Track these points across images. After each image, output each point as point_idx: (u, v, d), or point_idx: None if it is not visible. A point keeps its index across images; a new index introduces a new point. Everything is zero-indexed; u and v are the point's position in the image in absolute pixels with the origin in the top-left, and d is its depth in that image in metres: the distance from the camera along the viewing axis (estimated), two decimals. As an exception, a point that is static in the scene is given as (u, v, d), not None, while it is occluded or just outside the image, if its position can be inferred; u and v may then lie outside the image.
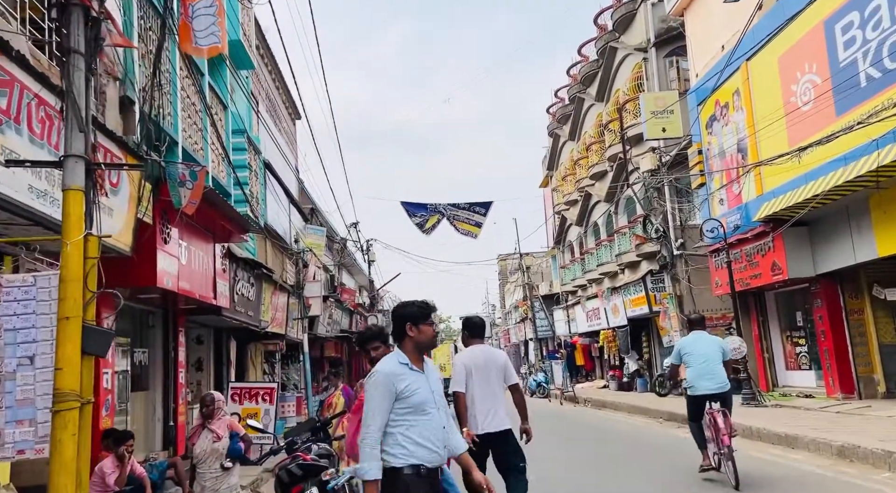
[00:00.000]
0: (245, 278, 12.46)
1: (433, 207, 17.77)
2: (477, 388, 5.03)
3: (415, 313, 3.46)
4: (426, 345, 3.49)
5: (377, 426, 3.23)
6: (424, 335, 3.44)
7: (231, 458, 6.17)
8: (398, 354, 3.43)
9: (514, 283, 49.29)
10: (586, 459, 9.55)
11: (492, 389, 5.07)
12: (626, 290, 21.36)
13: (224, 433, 6.16)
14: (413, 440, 3.26)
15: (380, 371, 3.35)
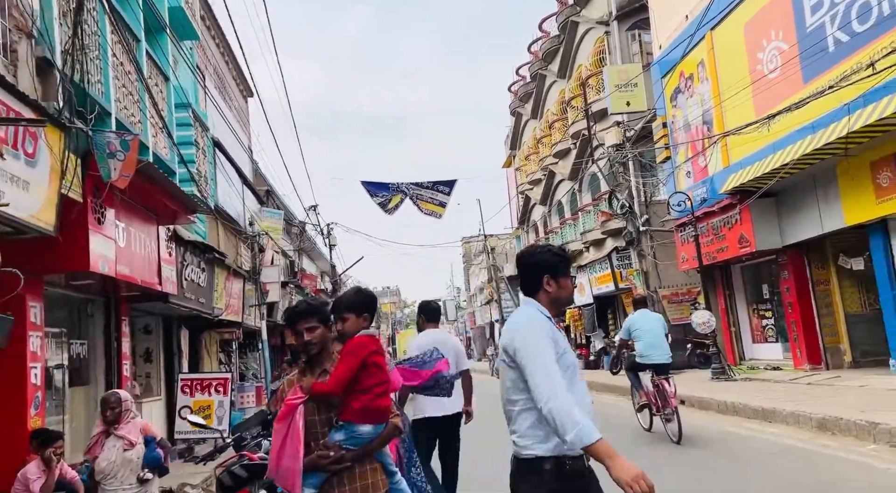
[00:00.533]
0: (195, 262, 11.71)
1: (395, 187, 17.15)
2: None
3: (554, 262, 2.66)
4: (565, 302, 2.75)
5: (561, 380, 2.35)
6: (565, 291, 2.67)
7: (149, 468, 5.20)
8: (535, 304, 2.62)
9: (478, 265, 49.06)
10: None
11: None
12: (592, 268, 21.16)
13: (137, 439, 5.14)
14: None
15: (533, 317, 2.53)
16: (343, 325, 3.09)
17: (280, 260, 25.28)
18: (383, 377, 2.98)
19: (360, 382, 2.89)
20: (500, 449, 8.76)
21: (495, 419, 8.91)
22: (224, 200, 14.74)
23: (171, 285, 10.01)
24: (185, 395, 9.75)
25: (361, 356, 2.91)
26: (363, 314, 3.09)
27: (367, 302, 3.16)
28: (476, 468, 6.85)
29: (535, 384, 2.39)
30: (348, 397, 2.88)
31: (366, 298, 3.19)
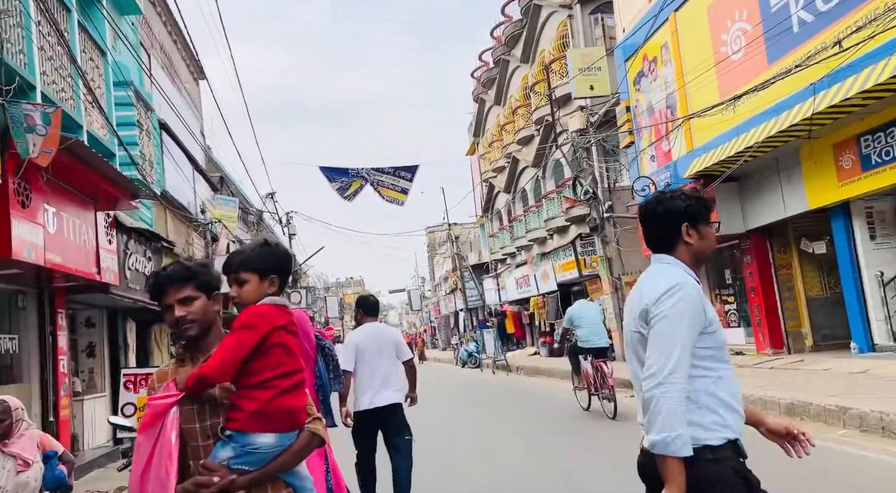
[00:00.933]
0: (140, 251, 11.05)
1: (355, 172, 16.64)
2: (368, 365, 5.16)
3: (693, 208, 2.19)
4: (708, 256, 2.29)
5: (685, 367, 1.98)
6: (709, 241, 2.23)
7: (49, 490, 4.26)
8: (677, 263, 2.17)
9: (442, 254, 48.71)
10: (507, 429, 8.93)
11: (383, 366, 5.21)
12: (556, 255, 21.00)
13: (34, 457, 4.16)
14: (723, 401, 2.08)
15: (682, 282, 2.07)
16: (239, 290, 2.13)
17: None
18: (292, 365, 2.04)
19: (256, 371, 1.96)
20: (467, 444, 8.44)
21: (454, 412, 8.97)
22: (173, 186, 14.01)
23: (112, 276, 9.38)
24: (128, 391, 9.10)
25: (260, 332, 1.97)
26: (270, 276, 2.13)
27: (276, 261, 2.18)
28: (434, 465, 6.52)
29: (653, 359, 2.00)
30: (238, 395, 1.97)
31: (275, 254, 2.20)
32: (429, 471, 5.82)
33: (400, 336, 5.64)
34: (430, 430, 9.15)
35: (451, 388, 17.83)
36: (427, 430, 9.32)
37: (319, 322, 48.44)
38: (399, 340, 5.50)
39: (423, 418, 11.38)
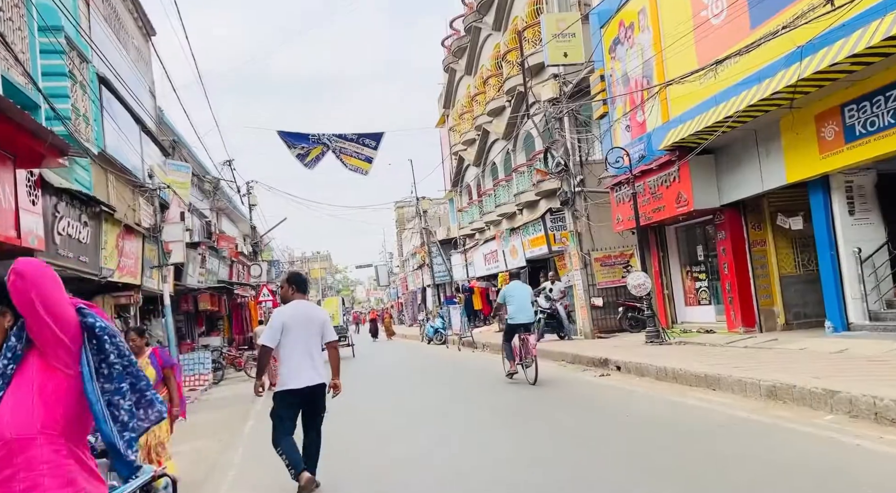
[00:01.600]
0: (73, 215, 10.09)
1: (316, 138, 15.75)
2: (294, 343, 5.08)
3: None
4: None
5: None
6: None
7: None
8: None
9: (411, 229, 47.93)
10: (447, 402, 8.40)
11: (309, 345, 5.13)
12: (525, 230, 20.45)
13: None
14: None
15: None
16: None
17: (195, 221, 23.38)
18: None
19: None
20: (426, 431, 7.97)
21: (423, 392, 8.78)
22: (115, 148, 12.98)
23: (36, 240, 8.44)
24: (53, 368, 8.29)
25: None
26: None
27: None
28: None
29: None
30: None
31: None
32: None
33: (327, 317, 5.50)
34: (381, 405, 8.99)
35: (412, 364, 17.26)
36: (378, 405, 8.97)
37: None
38: (326, 320, 5.36)
39: (374, 395, 10.63)
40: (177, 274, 17.88)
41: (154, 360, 5.40)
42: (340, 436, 6.66)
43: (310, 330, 5.15)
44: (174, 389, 5.51)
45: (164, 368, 5.43)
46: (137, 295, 14.43)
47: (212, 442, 8.08)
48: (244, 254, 28.34)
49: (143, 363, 5.33)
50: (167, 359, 5.54)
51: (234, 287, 25.40)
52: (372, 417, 8.76)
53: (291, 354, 5.07)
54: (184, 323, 22.89)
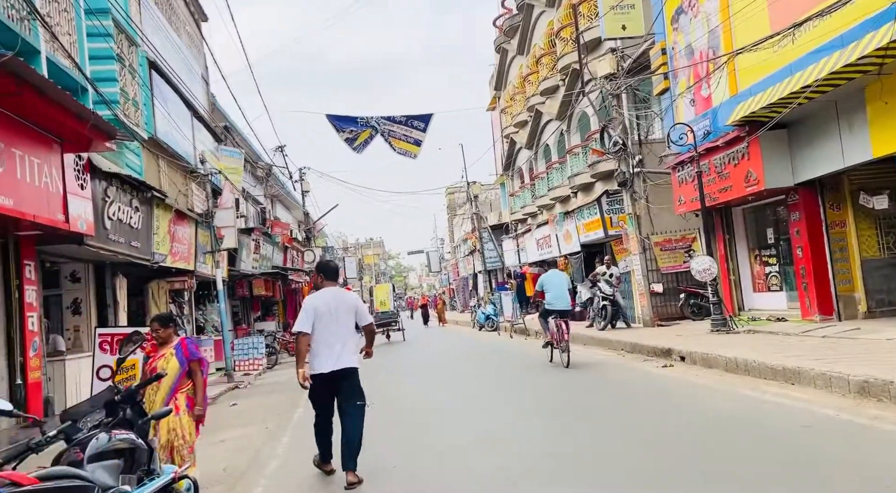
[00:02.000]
0: (123, 200, 10.10)
1: (364, 122, 15.48)
2: (325, 329, 5.18)
3: None
4: None
5: None
6: None
7: None
8: None
9: (462, 215, 47.52)
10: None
11: (341, 330, 5.22)
12: (580, 214, 19.72)
13: None
14: None
15: None
16: None
17: (249, 208, 23.58)
18: None
19: None
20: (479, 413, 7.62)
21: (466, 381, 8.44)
22: (166, 133, 13.01)
23: (86, 225, 8.44)
24: (104, 353, 8.29)
25: None
26: None
27: None
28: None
29: None
30: None
31: None
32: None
33: (359, 301, 5.58)
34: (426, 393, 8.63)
35: (462, 351, 16.91)
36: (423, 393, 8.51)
37: (338, 283, 47.89)
38: (358, 305, 5.44)
39: (420, 382, 10.23)
40: (231, 260, 18.02)
41: (179, 352, 4.99)
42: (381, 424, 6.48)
43: (340, 316, 5.24)
44: (199, 385, 5.04)
45: (189, 361, 5.00)
46: (191, 280, 14.55)
47: (259, 430, 7.91)
48: (298, 240, 28.52)
49: (166, 354, 4.97)
50: (194, 352, 5.10)
51: (289, 273, 25.59)
52: (415, 405, 8.45)
53: (322, 339, 5.17)
54: (240, 308, 23.21)
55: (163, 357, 4.96)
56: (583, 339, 14.70)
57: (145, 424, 3.17)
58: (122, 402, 3.10)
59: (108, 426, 3.01)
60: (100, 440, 2.81)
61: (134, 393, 3.18)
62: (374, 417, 7.28)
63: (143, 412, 3.21)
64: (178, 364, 4.92)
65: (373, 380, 10.98)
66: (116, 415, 3.05)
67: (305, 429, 6.45)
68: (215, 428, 8.45)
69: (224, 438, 7.60)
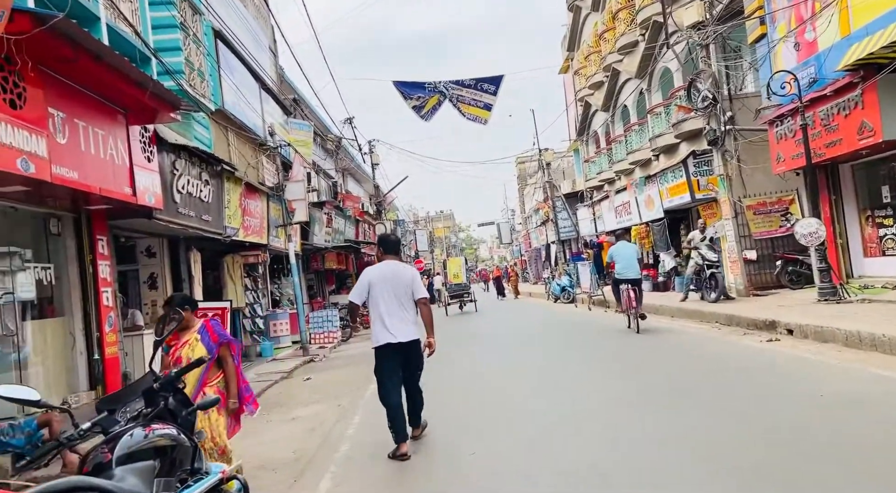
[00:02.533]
0: (192, 173, 9.95)
1: (432, 87, 14.87)
2: (382, 301, 5.22)
3: None
4: None
5: None
6: None
7: None
8: None
9: (533, 184, 46.40)
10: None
11: (398, 302, 5.25)
12: (663, 178, 18.50)
13: None
14: None
15: None
16: None
17: (321, 181, 23.58)
18: None
19: None
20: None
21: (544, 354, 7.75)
22: (234, 105, 12.84)
23: (154, 198, 8.28)
24: (176, 327, 8.15)
25: None
26: None
27: None
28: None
29: None
30: None
31: None
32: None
33: (416, 275, 5.59)
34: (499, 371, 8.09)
35: (536, 324, 16.25)
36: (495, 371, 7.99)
37: (409, 256, 48.06)
38: (414, 278, 5.45)
39: (491, 359, 9.63)
40: (304, 234, 17.99)
41: (205, 336, 4.41)
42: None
43: (397, 288, 5.27)
44: (231, 374, 4.47)
45: (219, 345, 4.41)
46: (265, 254, 14.54)
47: (331, 406, 7.62)
48: (369, 213, 28.47)
49: (190, 340, 4.40)
50: (223, 334, 4.50)
51: (361, 246, 25.58)
52: (491, 381, 7.92)
53: (379, 311, 5.21)
54: (314, 282, 23.39)
55: (187, 344, 4.39)
56: (670, 311, 13.77)
57: (190, 414, 2.75)
58: (161, 390, 2.69)
59: (148, 417, 2.60)
60: (134, 437, 2.39)
61: (175, 379, 2.77)
62: (450, 393, 6.84)
63: (187, 401, 2.80)
64: (205, 351, 4.34)
65: (452, 355, 10.64)
66: (157, 405, 2.65)
67: (377, 407, 6.18)
68: (288, 404, 8.24)
69: (296, 415, 7.34)
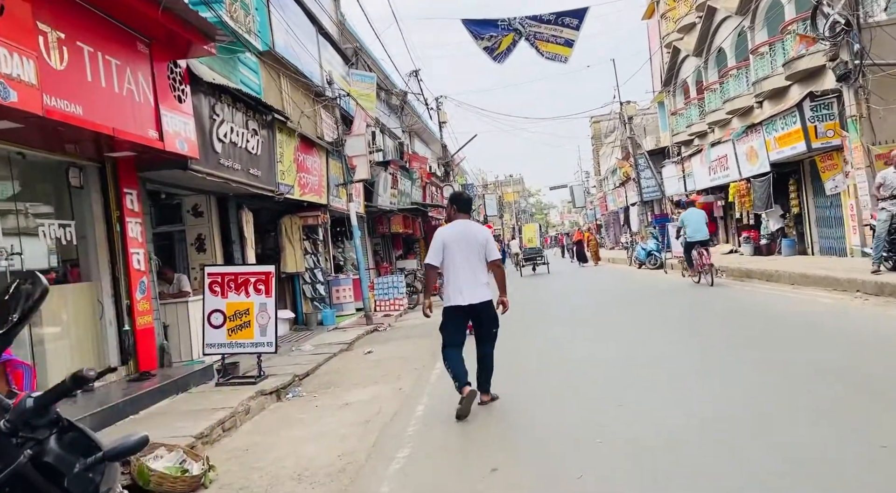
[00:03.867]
0: (238, 120, 8.78)
1: (506, 24, 13.16)
2: (454, 261, 5.16)
3: None
4: None
5: None
6: None
7: None
8: None
9: (611, 144, 43.75)
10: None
11: (471, 262, 5.17)
12: (770, 126, 16.11)
13: None
14: None
15: None
16: None
17: (387, 141, 22.34)
18: None
19: None
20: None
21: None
22: (288, 49, 11.60)
23: (187, 145, 7.12)
24: (214, 295, 7.09)
25: None
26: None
27: None
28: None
29: None
30: None
31: None
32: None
33: (489, 236, 5.41)
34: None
35: (628, 294, 14.50)
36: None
37: (478, 221, 46.64)
38: (487, 239, 5.31)
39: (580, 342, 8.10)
40: (367, 195, 16.82)
41: None
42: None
43: (471, 248, 5.18)
44: None
45: None
46: (325, 215, 13.42)
47: (391, 389, 6.37)
48: (436, 175, 27.11)
49: None
50: None
51: (429, 209, 24.31)
52: (592, 373, 6.47)
53: (452, 271, 5.15)
54: (380, 246, 22.33)
55: None
56: (788, 277, 11.77)
57: (90, 470, 1.47)
58: (18, 428, 1.40)
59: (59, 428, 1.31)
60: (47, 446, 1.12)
61: (43, 408, 1.48)
62: (540, 384, 5.50)
63: (83, 444, 1.53)
64: None
65: (534, 333, 9.22)
66: (11, 461, 1.36)
67: (443, 393, 5.54)
68: (343, 384, 7.06)
69: (349, 400, 6.13)
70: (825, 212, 15.47)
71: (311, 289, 13.29)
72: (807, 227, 16.35)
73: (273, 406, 6.44)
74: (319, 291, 13.31)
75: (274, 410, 6.29)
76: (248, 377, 7.05)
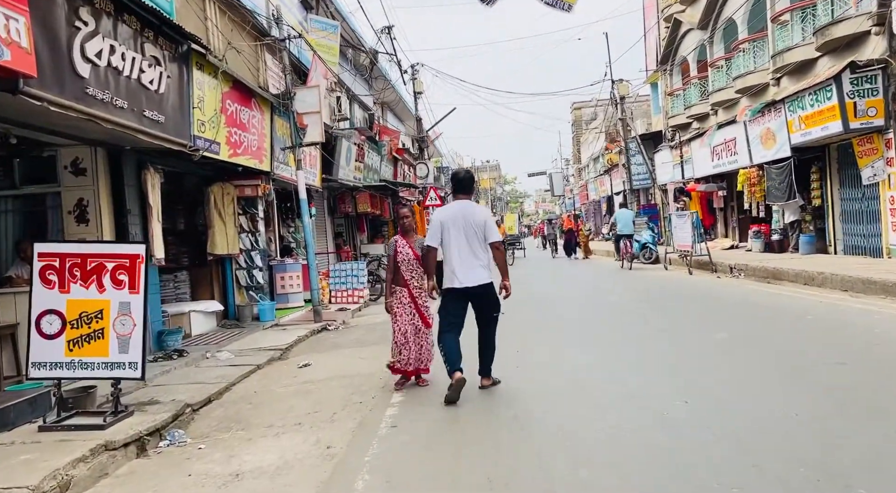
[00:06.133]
0: (123, 37, 6.18)
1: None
2: (453, 242, 5.04)
3: None
4: None
5: None
6: None
7: None
8: None
9: (595, 130, 41.57)
10: None
11: (470, 244, 5.04)
12: (796, 103, 13.95)
13: None
14: None
15: None
16: None
17: (356, 111, 19.73)
18: None
19: None
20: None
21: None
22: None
23: (10, 53, 4.56)
24: (48, 287, 4.57)
25: None
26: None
27: None
28: None
29: None
30: None
31: None
32: None
33: (489, 216, 5.21)
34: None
35: (646, 306, 12.27)
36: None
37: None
38: (488, 220, 5.14)
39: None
40: (326, 166, 14.29)
41: None
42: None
43: (469, 229, 5.03)
44: None
45: None
46: (267, 185, 10.87)
47: (316, 447, 3.96)
48: (409, 152, 24.57)
49: None
50: None
51: (399, 189, 21.81)
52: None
53: (452, 253, 5.03)
54: (344, 228, 19.76)
55: None
56: (835, 281, 9.64)
57: None
58: None
59: None
60: None
61: None
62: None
63: None
64: None
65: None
66: None
67: (398, 459, 3.53)
68: (253, 426, 4.63)
69: (245, 467, 3.74)
70: (854, 205, 13.42)
71: (247, 275, 10.78)
72: (829, 221, 14.30)
73: (121, 470, 4.01)
74: (257, 278, 10.80)
75: (118, 480, 3.85)
76: (98, 413, 4.59)
